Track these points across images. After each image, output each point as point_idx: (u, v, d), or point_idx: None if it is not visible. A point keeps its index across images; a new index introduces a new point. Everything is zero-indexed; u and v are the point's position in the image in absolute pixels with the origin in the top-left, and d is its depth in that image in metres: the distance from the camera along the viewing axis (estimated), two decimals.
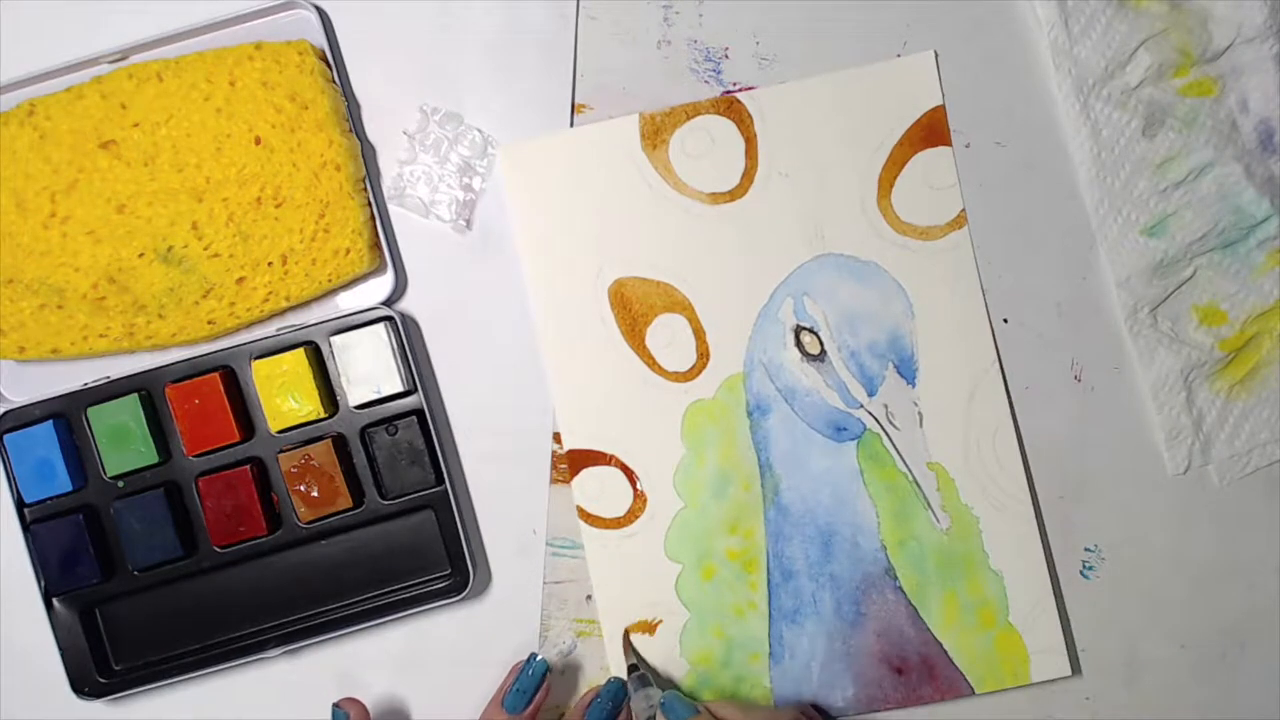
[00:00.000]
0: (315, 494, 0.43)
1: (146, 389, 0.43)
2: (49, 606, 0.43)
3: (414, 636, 0.45)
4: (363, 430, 0.44)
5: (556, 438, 0.45)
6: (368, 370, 0.43)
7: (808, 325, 0.45)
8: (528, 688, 0.42)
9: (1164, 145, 0.45)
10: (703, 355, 0.45)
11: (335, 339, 0.43)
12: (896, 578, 0.45)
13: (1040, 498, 0.46)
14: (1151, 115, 0.45)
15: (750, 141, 0.45)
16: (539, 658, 0.42)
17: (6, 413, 0.43)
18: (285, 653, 0.44)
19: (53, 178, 0.43)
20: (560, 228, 0.45)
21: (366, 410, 0.44)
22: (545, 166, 0.45)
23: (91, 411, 0.43)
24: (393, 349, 0.43)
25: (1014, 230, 0.45)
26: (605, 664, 0.45)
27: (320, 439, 0.43)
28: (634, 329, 0.45)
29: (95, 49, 0.43)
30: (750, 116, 0.45)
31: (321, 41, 0.44)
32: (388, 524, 0.44)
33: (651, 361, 0.45)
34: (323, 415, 0.43)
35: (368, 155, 0.45)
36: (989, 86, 0.46)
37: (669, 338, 0.45)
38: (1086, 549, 0.46)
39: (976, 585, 0.45)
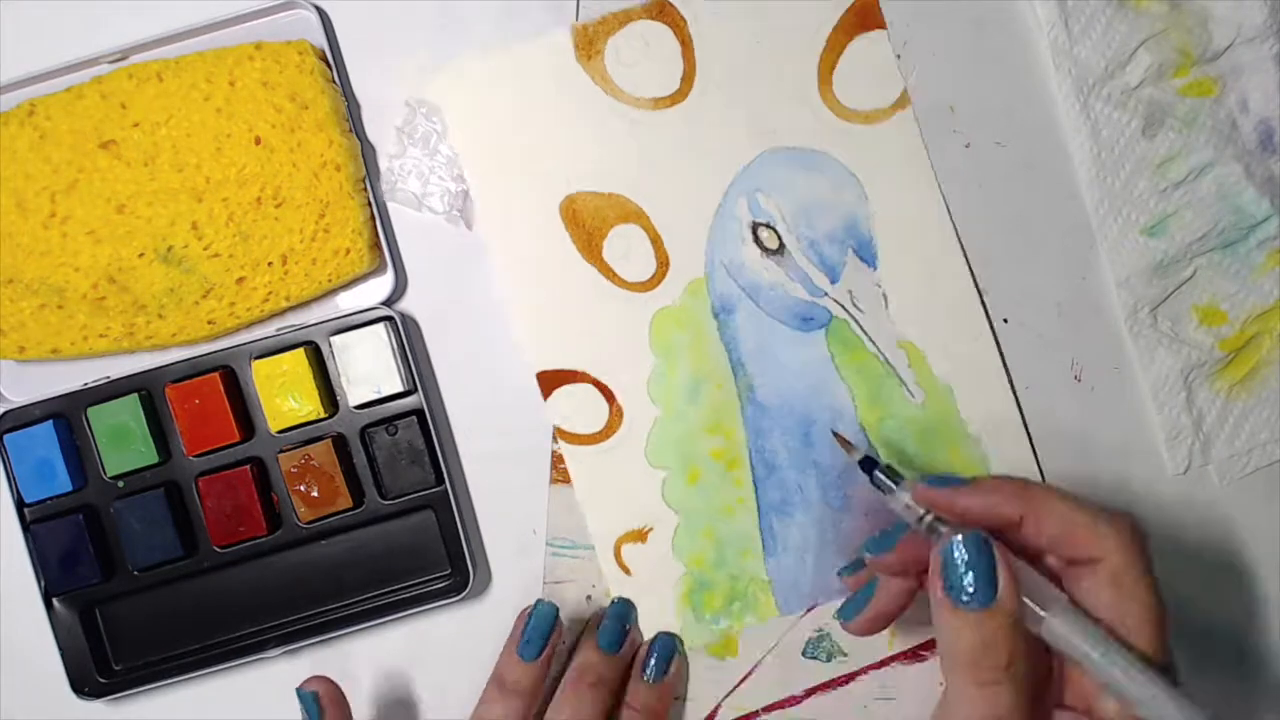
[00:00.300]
0: (315, 494, 0.43)
1: (146, 389, 0.43)
2: (49, 606, 0.43)
3: (414, 636, 0.45)
4: (363, 430, 0.44)
5: (556, 437, 0.45)
6: (368, 370, 0.43)
7: (764, 221, 0.45)
8: (536, 636, 0.41)
9: (1164, 145, 0.45)
10: (662, 263, 0.45)
11: (335, 339, 0.43)
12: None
13: None
14: (1151, 115, 0.45)
15: (686, 44, 0.45)
16: (544, 602, 0.42)
17: (6, 413, 0.43)
18: (285, 653, 0.44)
19: (53, 178, 0.43)
20: (505, 151, 0.44)
21: (366, 410, 0.44)
22: (483, 90, 0.44)
23: (91, 411, 0.43)
24: (393, 349, 0.43)
25: (1014, 230, 0.45)
26: (605, 588, 0.45)
27: (320, 439, 0.43)
28: (590, 244, 0.45)
29: (95, 49, 0.43)
30: (683, 19, 0.45)
31: (321, 41, 0.44)
32: (388, 524, 0.44)
33: (611, 274, 0.45)
34: (323, 415, 0.43)
35: (367, 155, 0.45)
36: (989, 86, 0.46)
37: (626, 249, 0.45)
38: None
39: (958, 455, 0.45)
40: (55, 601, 0.43)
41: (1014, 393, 0.45)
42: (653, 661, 0.43)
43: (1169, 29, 0.45)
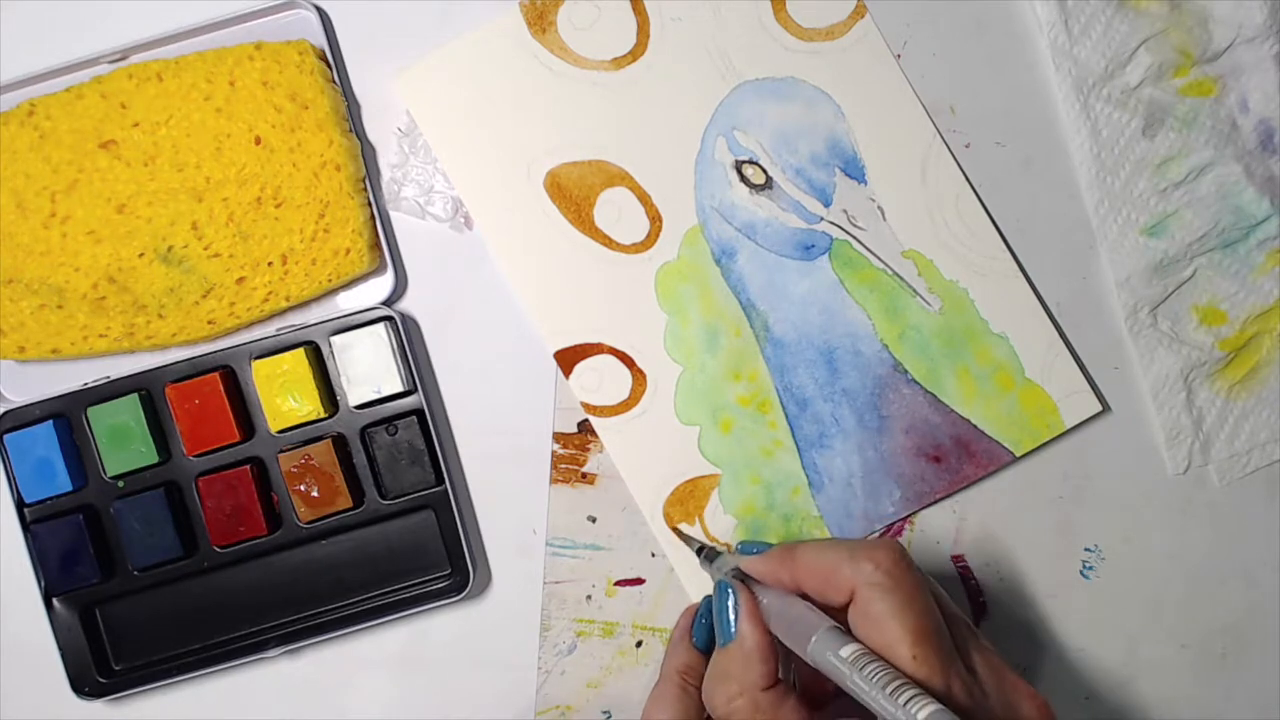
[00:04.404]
0: (315, 494, 0.43)
1: (146, 389, 0.43)
2: (49, 606, 0.43)
3: (414, 636, 0.45)
4: (363, 430, 0.44)
5: (557, 437, 0.45)
6: (368, 370, 0.43)
7: (746, 157, 0.45)
8: (709, 623, 0.40)
9: (1164, 145, 0.45)
10: (654, 220, 0.45)
11: (335, 339, 0.43)
12: (906, 371, 0.45)
13: (1040, 498, 0.46)
14: (1151, 115, 0.45)
15: None
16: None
17: (6, 413, 0.43)
18: (285, 653, 0.44)
19: (53, 178, 0.43)
20: (478, 139, 0.45)
21: (366, 410, 0.44)
22: (445, 83, 0.44)
23: (91, 411, 0.43)
24: (393, 349, 0.43)
25: (1014, 230, 0.45)
26: (653, 550, 0.45)
27: (320, 439, 0.43)
28: (580, 214, 0.45)
29: (95, 49, 0.43)
30: None
31: (321, 41, 0.44)
32: (388, 524, 0.44)
33: (607, 241, 0.45)
34: (323, 415, 0.43)
35: (368, 155, 0.45)
36: (989, 86, 0.46)
37: (616, 213, 0.45)
38: (1086, 549, 0.46)
39: (985, 353, 0.45)
40: (55, 601, 0.43)
41: (1030, 282, 0.45)
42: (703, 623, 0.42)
43: (1169, 29, 0.45)
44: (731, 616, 0.37)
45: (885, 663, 0.32)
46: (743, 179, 0.45)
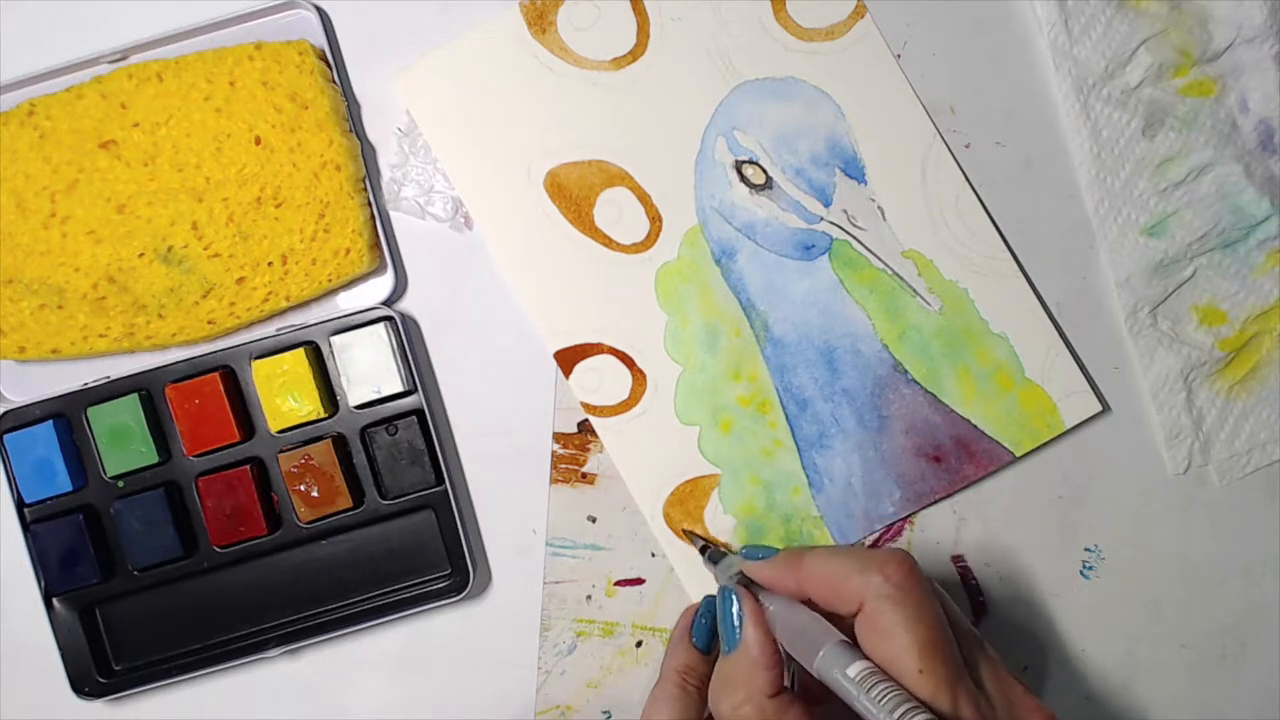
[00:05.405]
0: (315, 494, 0.43)
1: (146, 389, 0.43)
2: (49, 606, 0.43)
3: (414, 636, 0.45)
4: (363, 430, 0.44)
5: (557, 437, 0.45)
6: (368, 370, 0.43)
7: (746, 157, 0.45)
8: (710, 624, 0.41)
9: (1164, 145, 0.45)
10: (654, 220, 0.45)
11: (335, 339, 0.43)
12: (906, 371, 0.45)
13: (1040, 498, 0.46)
14: (1151, 115, 0.45)
15: None
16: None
17: (6, 413, 0.43)
18: (285, 653, 0.44)
19: (53, 178, 0.43)
20: (478, 138, 0.45)
21: (366, 410, 0.44)
22: (445, 83, 0.44)
23: (91, 411, 0.43)
24: (393, 349, 0.43)
25: (1014, 230, 0.45)
26: (653, 550, 0.45)
27: (320, 439, 0.43)
28: (580, 214, 0.45)
29: (95, 49, 0.43)
30: None
31: (321, 41, 0.44)
32: (388, 524, 0.44)
33: (607, 241, 0.45)
34: (323, 415, 0.43)
35: (368, 155, 0.45)
36: (989, 86, 0.46)
37: (617, 213, 0.45)
38: (1086, 549, 0.46)
39: (985, 353, 0.45)
40: (55, 601, 0.43)
41: (1030, 282, 0.45)
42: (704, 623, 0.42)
43: (1169, 29, 0.45)
44: (736, 623, 0.37)
45: (894, 683, 0.32)
46: (743, 179, 0.45)
